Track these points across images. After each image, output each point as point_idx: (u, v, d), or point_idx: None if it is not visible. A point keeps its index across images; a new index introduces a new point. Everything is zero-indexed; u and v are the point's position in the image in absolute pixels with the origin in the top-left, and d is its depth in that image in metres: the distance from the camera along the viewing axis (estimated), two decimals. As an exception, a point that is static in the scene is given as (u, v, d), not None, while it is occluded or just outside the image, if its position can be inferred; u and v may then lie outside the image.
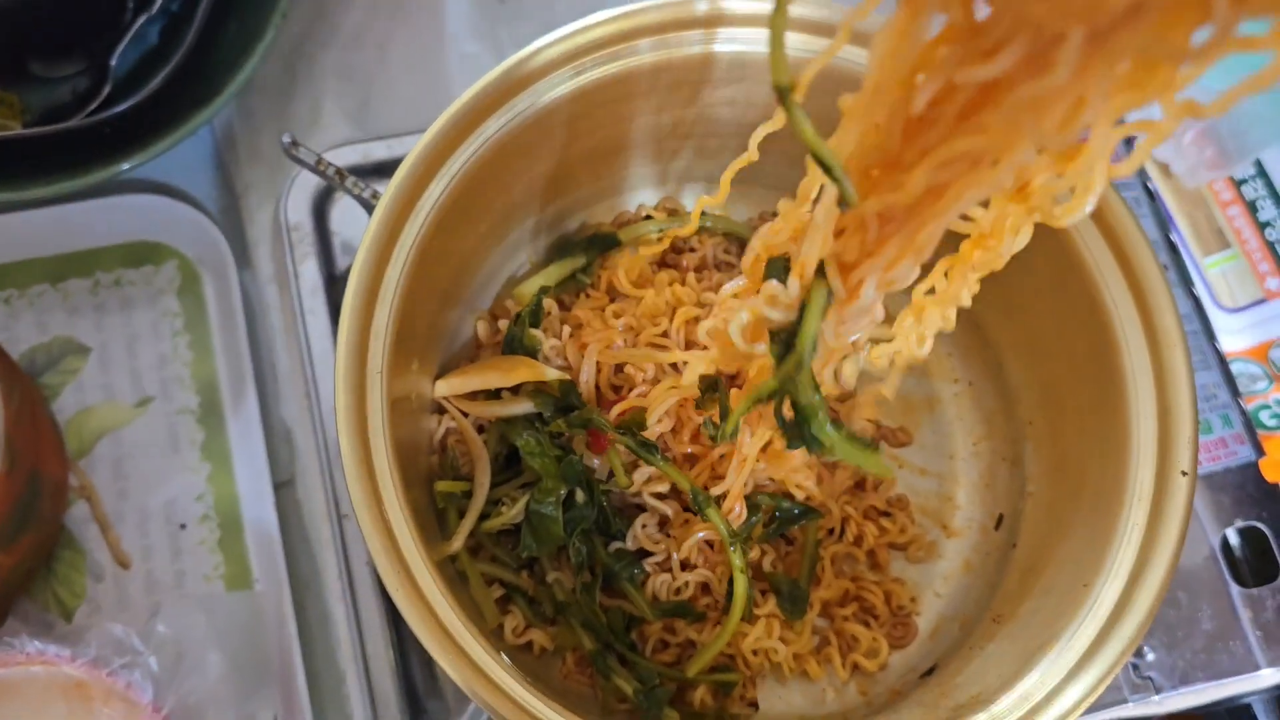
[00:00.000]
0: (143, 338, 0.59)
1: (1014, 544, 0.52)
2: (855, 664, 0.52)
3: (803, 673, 0.52)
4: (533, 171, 0.51)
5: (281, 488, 0.57)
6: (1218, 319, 0.59)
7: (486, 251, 0.53)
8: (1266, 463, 0.55)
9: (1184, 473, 0.43)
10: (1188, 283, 0.59)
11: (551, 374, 0.49)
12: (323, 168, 0.53)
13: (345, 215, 0.60)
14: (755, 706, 0.52)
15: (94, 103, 0.57)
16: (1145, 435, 0.44)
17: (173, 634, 0.53)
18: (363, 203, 0.53)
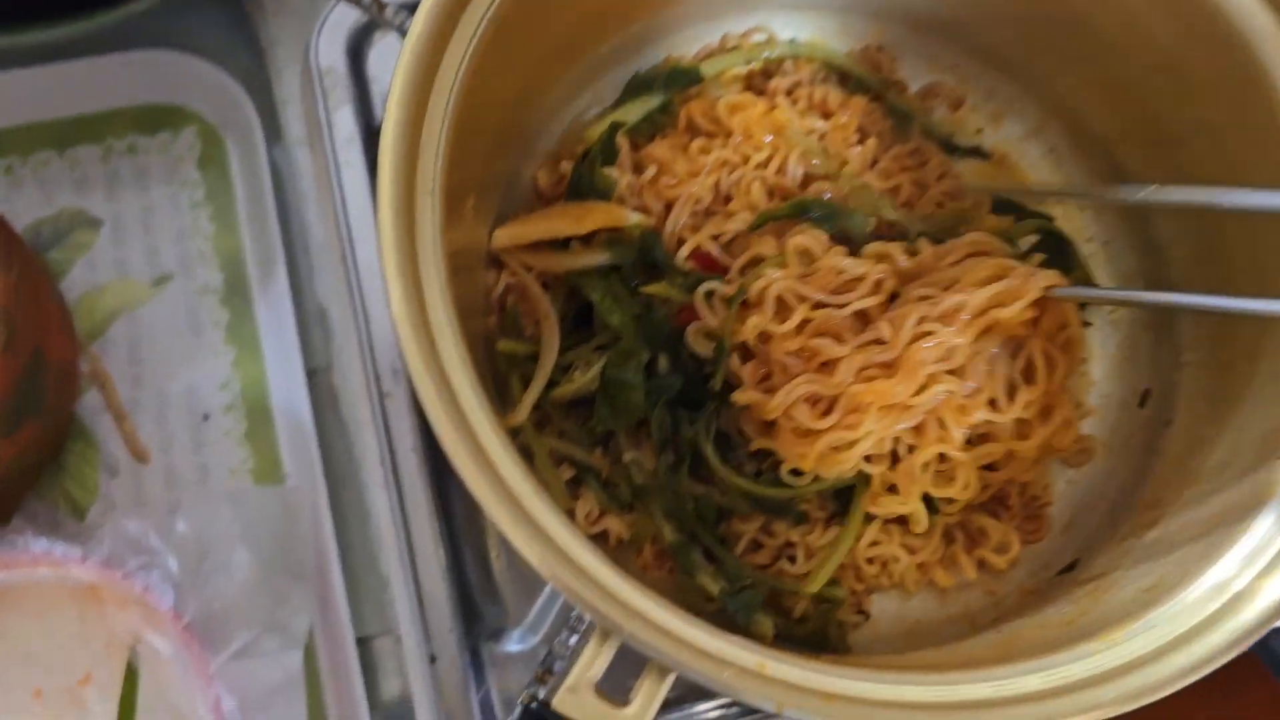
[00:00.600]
0: (159, 210, 0.54)
1: (1168, 421, 0.46)
2: (981, 559, 0.45)
3: (929, 583, 0.45)
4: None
5: (315, 374, 0.52)
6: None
7: (546, 83, 0.46)
8: None
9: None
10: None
11: (633, 218, 0.43)
12: (358, -8, 0.46)
13: (384, 58, 0.53)
14: (865, 615, 0.45)
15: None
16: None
17: (194, 531, 0.48)
18: (404, 36, 0.46)
